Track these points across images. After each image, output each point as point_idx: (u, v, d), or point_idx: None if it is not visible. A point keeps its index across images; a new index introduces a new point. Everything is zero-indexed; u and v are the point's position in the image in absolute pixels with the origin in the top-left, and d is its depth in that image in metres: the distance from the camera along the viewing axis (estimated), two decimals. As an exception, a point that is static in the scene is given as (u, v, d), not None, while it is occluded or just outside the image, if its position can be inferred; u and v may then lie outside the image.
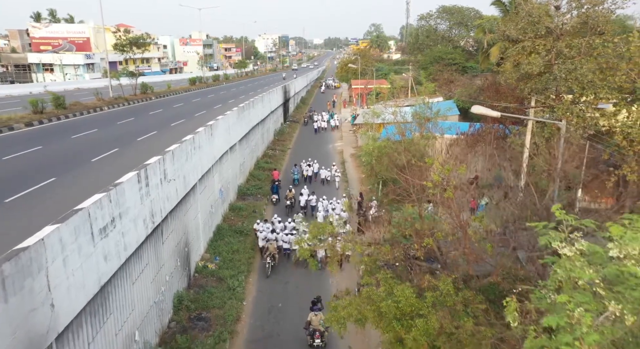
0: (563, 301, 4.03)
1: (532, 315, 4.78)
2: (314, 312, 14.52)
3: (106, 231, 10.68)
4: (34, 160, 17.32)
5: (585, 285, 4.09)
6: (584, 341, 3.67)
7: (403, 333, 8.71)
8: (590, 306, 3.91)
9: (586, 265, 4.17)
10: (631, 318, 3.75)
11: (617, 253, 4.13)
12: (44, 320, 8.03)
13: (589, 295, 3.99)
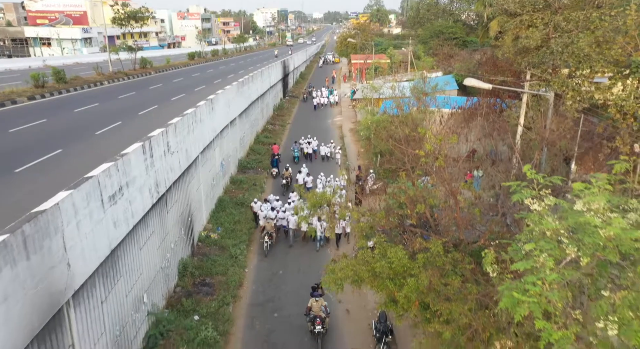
0: (530, 249, 4.58)
1: (508, 265, 5.34)
2: (314, 298, 14.29)
3: (115, 199, 11.22)
4: (39, 132, 17.74)
5: (552, 234, 4.62)
6: (546, 281, 4.22)
7: (395, 291, 9.35)
8: (553, 252, 4.45)
9: (553, 218, 4.69)
10: (585, 259, 4.29)
11: (581, 207, 4.65)
12: (61, 278, 8.65)
13: (554, 243, 4.52)
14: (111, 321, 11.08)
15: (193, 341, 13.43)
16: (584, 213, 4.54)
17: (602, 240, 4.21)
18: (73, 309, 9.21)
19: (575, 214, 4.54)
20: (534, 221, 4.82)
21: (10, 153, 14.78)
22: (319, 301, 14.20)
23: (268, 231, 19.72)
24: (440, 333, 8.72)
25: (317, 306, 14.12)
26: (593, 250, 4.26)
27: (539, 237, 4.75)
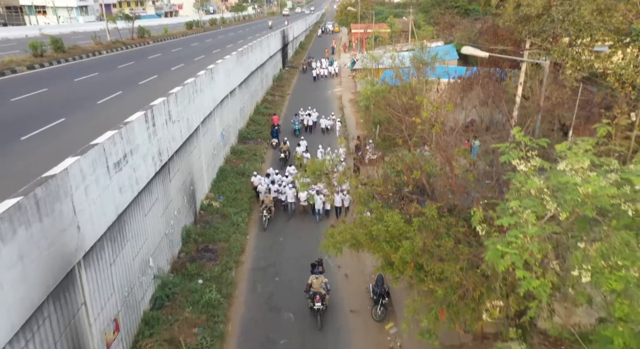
0: (515, 206, 4.91)
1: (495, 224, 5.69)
2: (314, 275, 14.19)
3: (120, 166, 11.53)
4: (41, 101, 17.88)
5: (536, 193, 4.94)
6: (527, 234, 4.57)
7: (391, 253, 9.79)
8: (536, 208, 4.78)
9: (537, 177, 5.00)
10: (564, 214, 4.62)
11: (564, 167, 4.95)
12: (72, 240, 9.06)
13: (537, 201, 4.85)
14: (120, 283, 11.59)
15: (198, 302, 14.02)
16: (567, 173, 4.84)
17: (581, 197, 4.53)
18: (84, 270, 9.67)
19: (558, 174, 4.85)
20: (520, 181, 5.13)
21: (15, 121, 15.00)
22: (319, 278, 14.09)
23: (267, 205, 19.70)
24: (433, 291, 9.21)
25: (318, 283, 13.99)
26: (572, 206, 4.60)
27: (524, 196, 5.07)
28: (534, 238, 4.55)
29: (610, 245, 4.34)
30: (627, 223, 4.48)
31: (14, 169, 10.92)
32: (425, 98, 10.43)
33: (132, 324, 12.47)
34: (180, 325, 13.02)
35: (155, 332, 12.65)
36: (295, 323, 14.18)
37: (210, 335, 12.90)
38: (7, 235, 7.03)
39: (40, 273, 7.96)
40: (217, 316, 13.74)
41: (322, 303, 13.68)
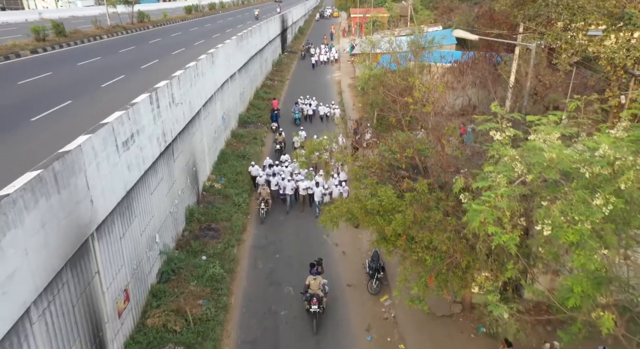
0: (489, 171, 5.52)
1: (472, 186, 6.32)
2: (312, 276, 13.48)
3: (127, 145, 12.12)
4: (47, 84, 18.37)
5: (508, 159, 5.54)
6: (499, 194, 5.19)
7: (385, 226, 10.45)
8: (508, 173, 5.39)
9: (509, 145, 5.60)
10: (531, 176, 5.23)
11: (534, 137, 5.54)
12: (86, 212, 9.70)
13: (509, 166, 5.46)
14: (129, 256, 12.27)
15: (202, 277, 14.75)
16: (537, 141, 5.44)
17: (546, 161, 5.12)
18: (97, 242, 10.33)
19: (530, 143, 5.45)
20: (495, 150, 5.74)
21: (24, 103, 15.52)
22: (318, 279, 13.42)
23: (264, 197, 19.30)
24: (422, 261, 9.89)
25: (316, 285, 13.32)
26: (539, 170, 5.20)
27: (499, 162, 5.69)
28: (504, 198, 5.17)
29: (568, 203, 4.96)
30: (584, 184, 5.08)
31: (27, 148, 11.50)
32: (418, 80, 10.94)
33: (141, 295, 13.19)
34: (186, 297, 13.73)
35: (162, 303, 13.38)
36: (295, 296, 14.92)
37: (215, 306, 13.64)
38: (30, 204, 7.66)
39: (59, 241, 8.62)
40: (221, 290, 14.47)
41: (319, 306, 13.03)
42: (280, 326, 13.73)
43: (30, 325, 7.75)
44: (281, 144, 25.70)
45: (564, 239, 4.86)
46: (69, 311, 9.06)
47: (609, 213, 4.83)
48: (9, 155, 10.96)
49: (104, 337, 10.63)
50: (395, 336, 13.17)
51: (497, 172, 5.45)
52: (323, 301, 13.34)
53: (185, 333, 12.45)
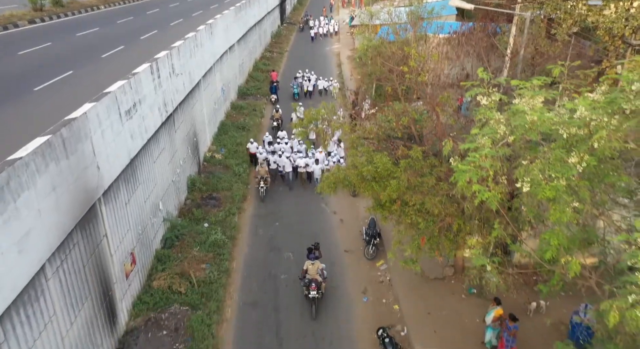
0: (475, 133, 5.88)
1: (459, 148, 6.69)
2: (310, 260, 13.16)
3: (130, 114, 12.42)
4: (47, 55, 18.47)
5: (494, 123, 5.89)
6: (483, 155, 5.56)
7: (380, 191, 10.87)
8: (493, 135, 5.75)
9: (495, 109, 5.94)
10: (512, 137, 5.60)
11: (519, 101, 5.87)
12: (93, 177, 10.10)
13: (493, 129, 5.81)
14: (134, 221, 12.76)
15: (204, 243, 15.29)
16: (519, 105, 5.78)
17: (527, 123, 5.48)
18: (104, 206, 10.77)
19: (514, 106, 5.79)
20: (482, 114, 6.08)
21: (26, 73, 15.69)
22: (316, 264, 13.10)
23: (262, 176, 19.11)
24: (416, 224, 10.36)
25: (314, 270, 13.03)
26: (521, 132, 5.56)
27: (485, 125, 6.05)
28: (488, 158, 5.54)
29: (546, 161, 5.33)
30: (562, 144, 5.43)
31: (32, 116, 11.80)
32: (413, 49, 11.16)
33: (147, 259, 13.76)
34: (190, 261, 14.31)
35: (167, 267, 13.96)
36: (295, 261, 15.52)
37: (217, 270, 14.23)
38: (41, 167, 8.05)
39: (69, 204, 9.05)
40: (223, 255, 15.04)
41: (317, 291, 12.78)
42: (280, 289, 14.36)
43: (46, 281, 8.27)
44: (278, 121, 25.10)
45: (541, 195, 5.26)
46: (80, 270, 9.58)
47: (584, 170, 5.22)
48: (16, 123, 11.27)
49: (113, 296, 11.21)
50: (390, 298, 13.81)
51: (482, 135, 5.82)
52: (322, 286, 13.03)
53: (190, 294, 13.06)
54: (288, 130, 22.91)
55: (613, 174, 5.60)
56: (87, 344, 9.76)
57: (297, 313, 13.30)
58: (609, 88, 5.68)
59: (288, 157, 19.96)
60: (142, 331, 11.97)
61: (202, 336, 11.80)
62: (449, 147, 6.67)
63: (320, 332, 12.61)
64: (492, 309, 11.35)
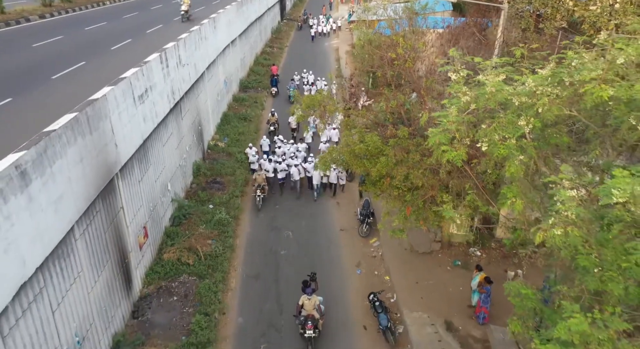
0: (445, 103, 6.97)
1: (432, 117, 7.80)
2: (306, 295, 11.93)
3: (143, 99, 13.53)
4: (60, 47, 19.51)
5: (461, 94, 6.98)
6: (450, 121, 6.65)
7: (371, 167, 11.98)
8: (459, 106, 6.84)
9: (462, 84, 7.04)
10: (473, 105, 6.69)
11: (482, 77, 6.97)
12: (112, 153, 11.22)
13: (459, 100, 6.90)
14: (147, 198, 13.88)
15: (210, 221, 16.42)
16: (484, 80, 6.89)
17: (487, 94, 6.57)
18: (121, 181, 11.89)
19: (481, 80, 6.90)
20: (452, 88, 7.17)
21: (42, 64, 16.76)
22: (313, 299, 11.88)
23: (259, 184, 18.22)
24: (403, 195, 11.48)
25: (310, 305, 11.81)
26: (483, 101, 6.66)
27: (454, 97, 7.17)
28: (454, 124, 6.64)
29: (501, 125, 6.42)
30: (514, 110, 6.51)
31: (52, 100, 12.89)
32: (401, 38, 12.23)
33: (157, 235, 14.89)
34: (197, 238, 15.44)
35: (176, 242, 15.09)
36: (294, 239, 16.66)
37: (222, 246, 15.36)
38: (71, 140, 9.16)
39: (93, 175, 10.17)
40: (227, 232, 16.17)
41: (314, 330, 11.60)
42: (280, 263, 15.51)
43: (74, 241, 9.39)
44: (275, 125, 23.99)
45: (497, 153, 6.35)
46: (101, 236, 10.70)
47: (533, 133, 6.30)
48: (39, 106, 12.37)
49: (129, 264, 12.34)
50: (381, 270, 14.96)
51: (450, 104, 6.92)
52: (319, 324, 11.80)
53: (197, 266, 14.20)
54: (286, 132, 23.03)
55: (556, 136, 6.70)
56: (107, 302, 10.90)
57: (296, 284, 14.39)
58: (556, 66, 6.77)
59: (297, 165, 19.01)
60: (155, 297, 13.13)
61: (209, 301, 12.95)
62: (425, 117, 7.77)
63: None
64: (477, 275, 12.50)
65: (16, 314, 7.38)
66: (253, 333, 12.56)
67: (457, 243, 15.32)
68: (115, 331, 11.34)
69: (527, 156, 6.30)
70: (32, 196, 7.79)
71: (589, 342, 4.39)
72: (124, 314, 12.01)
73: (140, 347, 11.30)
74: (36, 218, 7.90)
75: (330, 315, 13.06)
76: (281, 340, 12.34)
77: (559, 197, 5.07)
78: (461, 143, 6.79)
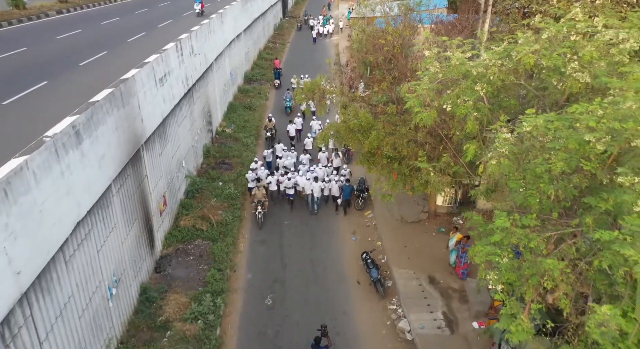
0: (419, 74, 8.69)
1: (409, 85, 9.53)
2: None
3: (162, 82, 15.27)
4: (81, 39, 21.26)
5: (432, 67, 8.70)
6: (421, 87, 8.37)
7: (363, 140, 13.72)
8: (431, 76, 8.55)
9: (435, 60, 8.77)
10: (441, 75, 8.41)
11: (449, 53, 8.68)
12: (139, 126, 12.97)
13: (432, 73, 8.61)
14: (165, 171, 15.63)
15: (220, 195, 18.16)
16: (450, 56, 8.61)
17: (452, 66, 8.27)
18: (145, 152, 13.63)
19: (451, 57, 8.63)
20: (425, 62, 8.88)
21: (67, 54, 18.50)
22: None
23: (259, 199, 16.98)
24: (391, 164, 13.21)
25: None
26: (449, 73, 8.36)
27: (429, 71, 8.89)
28: (425, 90, 8.33)
29: (461, 90, 8.10)
30: (472, 78, 8.19)
31: (84, 82, 14.64)
32: (390, 26, 13.96)
33: (174, 205, 16.63)
34: (209, 208, 17.17)
35: (190, 212, 16.84)
36: (295, 211, 18.38)
37: (232, 215, 17.10)
38: (109, 110, 10.91)
39: (125, 143, 11.92)
40: (235, 205, 17.91)
41: None
42: (284, 231, 17.26)
43: (112, 196, 11.14)
44: (272, 130, 23.27)
45: (458, 112, 8.04)
46: (131, 197, 12.45)
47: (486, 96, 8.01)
48: (72, 86, 14.13)
49: (152, 226, 14.09)
50: (374, 237, 16.70)
51: (423, 75, 8.65)
52: None
53: (210, 232, 15.94)
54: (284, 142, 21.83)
55: (506, 100, 8.38)
56: (136, 254, 12.66)
57: (298, 248, 16.19)
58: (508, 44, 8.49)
59: (309, 179, 17.72)
60: (174, 256, 14.90)
61: (221, 260, 14.71)
62: (404, 89, 9.50)
63: (316, 261, 15.50)
64: (454, 235, 14.22)
65: (73, 246, 9.13)
66: (260, 286, 14.33)
67: (442, 213, 17.06)
68: (141, 281, 13.10)
69: (480, 114, 8.00)
70: (84, 152, 9.54)
71: (510, 237, 6.11)
72: (149, 268, 13.77)
73: (164, 293, 13.07)
74: (86, 171, 9.65)
75: (328, 273, 14.84)
76: (285, 292, 14.10)
77: (497, 139, 6.77)
78: (431, 106, 8.51)
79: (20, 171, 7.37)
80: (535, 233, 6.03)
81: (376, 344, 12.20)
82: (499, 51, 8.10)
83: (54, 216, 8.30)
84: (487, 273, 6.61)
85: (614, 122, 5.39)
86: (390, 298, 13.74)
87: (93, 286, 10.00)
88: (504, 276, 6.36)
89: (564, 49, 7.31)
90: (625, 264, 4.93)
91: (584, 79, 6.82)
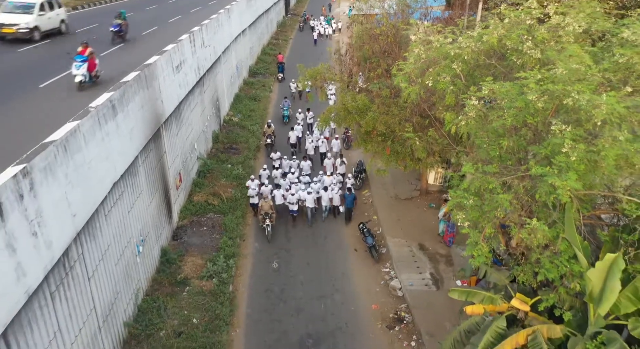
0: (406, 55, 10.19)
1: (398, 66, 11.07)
2: None
3: (178, 69, 16.83)
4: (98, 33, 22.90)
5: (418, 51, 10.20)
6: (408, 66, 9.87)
7: (360, 121, 15.25)
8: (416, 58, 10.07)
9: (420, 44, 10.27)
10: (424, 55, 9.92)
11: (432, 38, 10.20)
12: (159, 107, 14.52)
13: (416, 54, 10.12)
14: (181, 150, 17.18)
15: (229, 176, 19.73)
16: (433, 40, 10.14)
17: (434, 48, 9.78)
18: (164, 131, 15.19)
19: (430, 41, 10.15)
20: (412, 46, 10.39)
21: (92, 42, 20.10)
22: None
23: (267, 211, 16.32)
24: (385, 141, 14.74)
25: None
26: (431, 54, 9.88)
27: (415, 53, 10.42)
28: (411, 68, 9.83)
29: (441, 68, 9.60)
30: (450, 58, 9.68)
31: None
32: (385, 18, 15.49)
33: (188, 183, 18.19)
34: (219, 187, 18.74)
35: (202, 189, 18.40)
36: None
37: (240, 193, 18.65)
38: (136, 91, 12.46)
39: (149, 120, 13.47)
40: (243, 184, 19.44)
41: None
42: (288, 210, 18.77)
43: (139, 166, 12.69)
44: (271, 137, 22.75)
45: (439, 87, 9.55)
46: (153, 169, 14.01)
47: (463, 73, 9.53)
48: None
49: (170, 198, 15.65)
50: (371, 212, 18.23)
51: (410, 56, 10.18)
52: None
53: (221, 206, 17.51)
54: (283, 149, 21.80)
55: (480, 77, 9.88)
56: (158, 221, 14.23)
57: (300, 222, 17.71)
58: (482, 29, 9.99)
59: (310, 193, 17.07)
60: (189, 227, 16.47)
61: (232, 230, 16.28)
62: (395, 70, 11.02)
63: (317, 232, 17.05)
64: (443, 207, 15.74)
65: (111, 203, 10.70)
66: (267, 253, 15.89)
67: (433, 191, 18.60)
68: (161, 245, 14.66)
69: (456, 88, 9.53)
70: (118, 124, 11.10)
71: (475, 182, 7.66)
72: (167, 236, 15.33)
73: (182, 257, 14.64)
74: (120, 140, 11.21)
75: (328, 242, 16.40)
76: (290, 258, 15.65)
77: (467, 104, 8.28)
78: (415, 82, 10.05)
79: (74, 133, 8.93)
80: (494, 178, 7.54)
81: (371, 299, 13.75)
82: (474, 36, 9.62)
83: (98, 173, 9.86)
84: (457, 213, 8.13)
85: (548, 84, 6.91)
86: (384, 262, 15.29)
87: (125, 241, 11.56)
88: (469, 214, 7.89)
89: (521, 31, 8.81)
90: (554, 192, 6.44)
91: (536, 55, 8.32)
